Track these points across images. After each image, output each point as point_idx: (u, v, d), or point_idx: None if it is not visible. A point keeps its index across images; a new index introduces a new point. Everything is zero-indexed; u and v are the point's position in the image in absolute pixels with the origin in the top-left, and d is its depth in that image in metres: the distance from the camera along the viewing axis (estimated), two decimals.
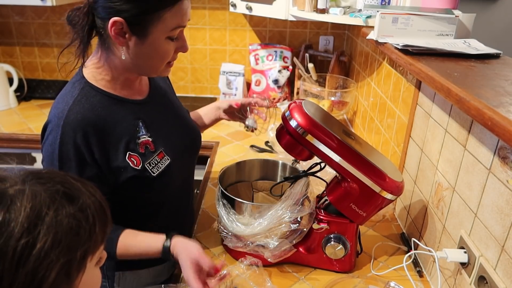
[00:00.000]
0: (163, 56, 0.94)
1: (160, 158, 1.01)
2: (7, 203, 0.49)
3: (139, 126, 0.99)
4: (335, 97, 1.99)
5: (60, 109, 0.91)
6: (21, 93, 2.33)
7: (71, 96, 0.92)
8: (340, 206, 1.02)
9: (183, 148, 1.10)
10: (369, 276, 1.07)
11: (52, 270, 0.50)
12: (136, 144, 0.97)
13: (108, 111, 0.94)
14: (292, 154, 1.03)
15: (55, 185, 0.54)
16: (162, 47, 0.92)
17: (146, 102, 1.04)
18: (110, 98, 0.96)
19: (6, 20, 2.37)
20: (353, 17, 1.51)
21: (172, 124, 1.09)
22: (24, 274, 0.48)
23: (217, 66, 2.42)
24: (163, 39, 0.91)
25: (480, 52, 1.07)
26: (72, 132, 0.89)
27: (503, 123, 0.65)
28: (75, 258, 0.53)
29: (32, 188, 0.52)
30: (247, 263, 1.05)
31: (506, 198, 0.74)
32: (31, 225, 0.49)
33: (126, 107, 0.98)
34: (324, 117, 1.02)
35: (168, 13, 0.87)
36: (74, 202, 0.54)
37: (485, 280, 0.80)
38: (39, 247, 0.49)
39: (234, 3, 2.05)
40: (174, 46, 0.94)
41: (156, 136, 1.02)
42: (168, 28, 0.89)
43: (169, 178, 1.03)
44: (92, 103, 0.93)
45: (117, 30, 0.87)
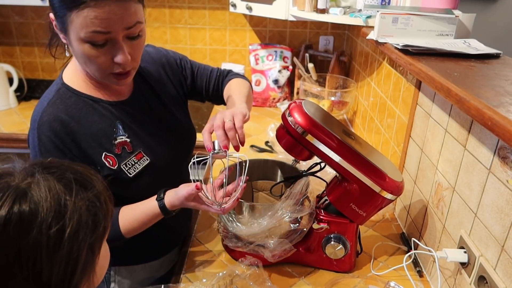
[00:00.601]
0: (92, 62, 0.87)
1: (138, 158, 1.00)
2: (26, 197, 0.52)
3: (116, 127, 0.98)
4: (335, 97, 1.99)
5: (36, 111, 0.93)
6: (21, 93, 2.33)
7: (47, 99, 0.94)
8: (340, 206, 1.02)
9: (167, 148, 1.08)
10: (369, 276, 1.07)
11: (83, 250, 0.55)
12: (112, 144, 0.97)
13: (83, 112, 0.94)
14: (292, 154, 1.03)
15: (65, 173, 0.58)
16: (83, 51, 0.86)
17: (127, 103, 1.02)
18: (86, 99, 0.96)
19: (6, 20, 2.37)
20: (353, 17, 1.51)
21: (155, 125, 1.07)
22: (60, 259, 0.52)
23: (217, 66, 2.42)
24: (82, 42, 0.84)
25: (480, 52, 1.07)
26: (47, 132, 0.90)
27: (503, 123, 0.65)
28: (97, 236, 0.58)
29: (45, 179, 0.55)
30: (247, 263, 1.05)
31: (506, 198, 0.74)
32: (57, 213, 0.53)
33: (103, 107, 0.98)
34: (324, 117, 1.02)
35: (76, 16, 0.81)
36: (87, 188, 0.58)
37: (485, 280, 0.80)
38: (68, 231, 0.53)
39: (234, 3, 2.05)
40: (104, 54, 0.86)
41: (135, 136, 1.01)
42: (80, 31, 0.82)
43: (149, 178, 1.02)
44: (67, 104, 0.93)
45: (55, 26, 0.88)
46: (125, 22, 0.85)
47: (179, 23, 2.37)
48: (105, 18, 0.82)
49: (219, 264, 1.11)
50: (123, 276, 1.13)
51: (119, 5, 0.82)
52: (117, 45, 0.86)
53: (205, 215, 1.32)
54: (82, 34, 0.83)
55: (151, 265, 1.16)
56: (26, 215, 0.51)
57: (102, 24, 0.82)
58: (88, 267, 0.57)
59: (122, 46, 0.87)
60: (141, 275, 1.15)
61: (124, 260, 1.11)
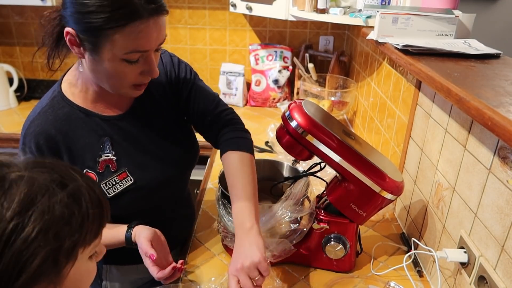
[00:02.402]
0: (120, 77, 0.86)
1: (120, 178, 0.97)
2: (5, 187, 0.52)
3: (103, 144, 0.95)
4: (335, 97, 1.99)
5: (28, 118, 0.93)
6: (21, 93, 2.33)
7: (41, 106, 0.93)
8: (340, 206, 1.02)
9: (158, 168, 1.02)
10: (369, 276, 1.07)
11: (37, 255, 0.51)
12: (96, 162, 0.95)
13: (72, 125, 0.93)
14: (292, 154, 1.03)
15: (54, 174, 0.56)
16: (118, 69, 0.84)
17: (123, 118, 0.98)
18: (78, 112, 0.94)
19: (6, 20, 2.37)
20: (353, 17, 1.51)
21: (151, 142, 1.02)
22: (10, 256, 0.50)
23: (217, 66, 2.42)
24: (117, 61, 0.82)
25: (480, 52, 1.07)
26: (30, 143, 0.91)
27: (503, 123, 0.65)
28: (62, 246, 0.54)
29: (31, 175, 0.54)
30: None
31: (506, 198, 0.74)
32: (23, 209, 0.51)
33: (94, 122, 0.95)
34: (324, 117, 1.02)
35: (118, 35, 0.79)
36: (68, 192, 0.55)
37: (485, 280, 0.80)
38: (27, 231, 0.51)
39: (234, 3, 2.05)
40: (136, 69, 0.86)
41: (122, 155, 0.97)
42: (120, 52, 0.81)
43: (130, 199, 0.99)
44: (57, 115, 0.92)
45: (72, 41, 0.83)
46: (160, 38, 0.85)
47: (179, 23, 2.37)
48: (146, 37, 0.81)
49: (219, 264, 1.11)
50: (114, 275, 1.13)
51: (156, 22, 0.81)
52: (148, 59, 0.85)
53: (205, 216, 1.32)
54: (121, 52, 0.81)
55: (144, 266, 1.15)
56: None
57: (144, 43, 0.81)
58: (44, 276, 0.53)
59: (153, 61, 0.86)
60: (132, 275, 1.14)
61: (114, 259, 1.10)
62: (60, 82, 0.96)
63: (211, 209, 1.35)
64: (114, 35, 0.79)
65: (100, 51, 0.82)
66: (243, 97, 2.33)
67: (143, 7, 0.78)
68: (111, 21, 0.78)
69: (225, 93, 2.33)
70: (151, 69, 0.87)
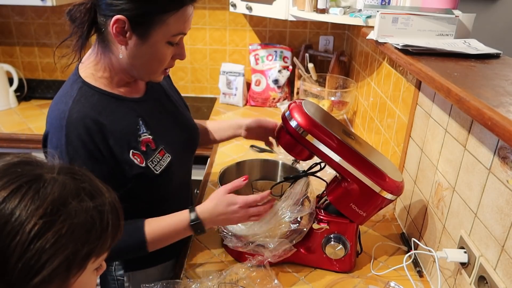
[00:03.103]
0: (161, 60, 0.93)
1: (161, 155, 1.00)
2: (40, 185, 0.55)
3: (139, 124, 0.98)
4: (335, 97, 1.99)
5: (61, 110, 0.90)
6: (21, 93, 2.33)
7: (70, 97, 0.91)
8: (340, 206, 1.02)
9: (181, 145, 1.09)
10: (369, 276, 1.07)
11: (58, 256, 0.54)
12: (137, 142, 0.96)
13: (108, 110, 0.93)
14: (292, 154, 1.03)
15: (84, 183, 0.59)
16: (161, 51, 0.91)
17: (144, 100, 1.03)
18: (109, 97, 0.95)
19: (6, 20, 2.37)
20: (353, 17, 1.51)
21: (170, 122, 1.08)
22: (33, 253, 0.52)
23: (217, 66, 2.42)
24: (163, 43, 0.90)
25: (480, 52, 1.07)
26: (77, 130, 0.88)
27: (503, 123, 0.65)
28: (80, 252, 0.56)
29: (64, 179, 0.57)
30: (254, 263, 1.05)
31: (506, 198, 0.74)
32: (54, 209, 0.54)
33: (125, 105, 0.97)
34: (324, 117, 1.02)
35: (172, 18, 0.87)
36: (95, 203, 0.59)
37: (485, 280, 0.80)
38: (54, 230, 0.53)
39: (234, 3, 2.05)
40: (172, 52, 0.94)
41: (156, 134, 1.01)
42: (170, 33, 0.89)
43: (171, 175, 1.03)
44: (92, 102, 0.92)
45: (118, 29, 0.87)
46: (191, 23, 0.95)
47: None
48: (189, 20, 0.92)
49: (219, 264, 1.11)
50: (137, 280, 1.12)
51: (192, 8, 0.92)
52: (181, 44, 0.96)
53: None
54: (170, 35, 0.90)
55: (164, 266, 1.16)
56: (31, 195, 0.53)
57: (188, 26, 0.92)
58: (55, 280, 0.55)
59: (183, 45, 0.97)
60: (155, 277, 1.14)
61: (138, 264, 1.10)
62: (77, 74, 0.95)
63: None
64: (169, 18, 0.87)
65: (149, 35, 0.89)
66: (243, 97, 2.33)
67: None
68: (171, 5, 0.87)
69: (225, 93, 2.33)
70: (182, 52, 0.97)
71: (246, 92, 2.37)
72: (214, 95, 2.48)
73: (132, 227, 0.93)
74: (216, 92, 2.44)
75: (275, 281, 1.01)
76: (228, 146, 1.82)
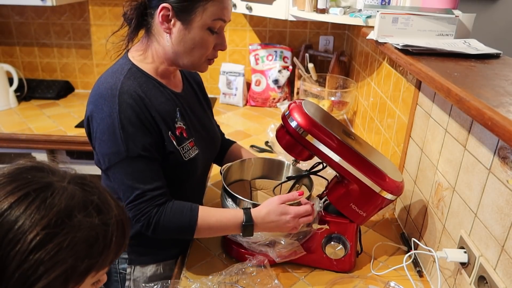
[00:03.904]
0: (203, 46, 0.98)
1: (191, 146, 1.06)
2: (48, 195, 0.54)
3: (176, 112, 1.04)
4: (335, 97, 1.99)
5: (112, 83, 0.96)
6: (21, 93, 2.33)
7: (121, 73, 0.98)
8: (340, 206, 1.02)
9: (206, 144, 1.15)
10: (369, 276, 1.07)
11: (55, 269, 0.53)
12: (174, 127, 1.03)
13: (153, 92, 1.00)
14: (292, 154, 1.03)
15: (93, 196, 0.58)
16: (203, 37, 0.97)
17: (182, 96, 1.10)
18: (154, 82, 1.02)
19: (6, 20, 2.37)
20: (353, 17, 1.51)
21: (200, 121, 1.14)
22: (32, 263, 0.51)
23: (217, 66, 2.42)
24: (204, 29, 0.96)
25: (480, 52, 1.07)
26: (129, 99, 0.94)
27: (503, 123, 0.65)
28: (79, 267, 0.55)
29: (73, 190, 0.57)
30: (255, 263, 1.05)
31: (506, 198, 0.74)
32: (58, 221, 0.53)
33: (167, 93, 1.04)
34: (324, 117, 1.02)
35: (210, 4, 0.94)
36: (101, 218, 0.58)
37: (485, 280, 0.80)
38: (55, 242, 0.52)
39: (234, 3, 2.05)
40: (214, 41, 0.99)
41: (189, 126, 1.08)
42: (210, 18, 0.95)
43: (195, 166, 1.08)
44: (140, 82, 0.99)
45: (164, 16, 0.94)
46: (231, 13, 1.01)
47: None
48: (227, 8, 0.98)
49: (219, 264, 1.11)
50: (139, 275, 1.14)
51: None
52: (221, 33, 1.02)
53: None
54: (210, 20, 0.96)
55: (166, 264, 1.17)
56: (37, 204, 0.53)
57: (227, 13, 0.99)
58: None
59: (224, 35, 1.02)
60: (156, 273, 1.15)
61: (140, 259, 1.12)
62: (127, 58, 1.02)
63: None
64: (207, 3, 0.94)
65: (191, 21, 0.95)
66: (243, 97, 2.33)
67: None
68: None
69: (225, 93, 2.33)
70: (223, 42, 1.02)
71: (246, 92, 2.37)
72: (214, 95, 2.48)
73: (187, 208, 0.98)
74: (216, 92, 2.45)
75: (275, 281, 1.01)
76: None
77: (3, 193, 0.53)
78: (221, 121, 2.12)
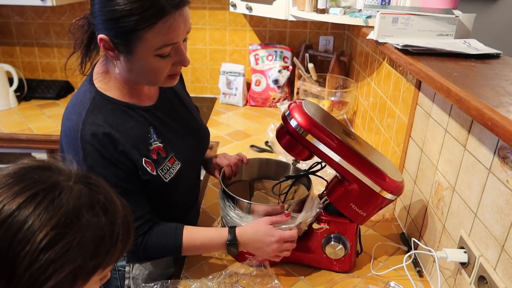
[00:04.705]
0: (156, 72, 0.92)
1: (171, 163, 1.02)
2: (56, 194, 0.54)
3: (150, 132, 0.99)
4: (335, 97, 1.99)
5: (74, 121, 0.91)
6: (21, 93, 2.33)
7: (83, 107, 0.93)
8: (340, 206, 1.02)
9: (192, 151, 1.11)
10: (369, 276, 1.07)
11: (65, 268, 0.53)
12: (149, 150, 0.98)
13: (120, 120, 0.95)
14: (292, 154, 1.03)
15: (99, 195, 0.59)
16: (153, 65, 0.90)
17: (156, 108, 1.04)
18: (121, 106, 0.96)
19: (6, 20, 2.37)
20: (353, 17, 1.51)
21: (181, 128, 1.09)
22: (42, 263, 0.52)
23: (217, 66, 2.42)
24: (151, 57, 0.88)
25: (480, 52, 1.07)
26: (92, 141, 0.89)
27: (503, 123, 0.65)
28: (87, 266, 0.56)
29: (80, 190, 0.57)
30: (255, 263, 1.05)
31: (506, 198, 0.74)
32: (67, 221, 0.53)
33: (137, 113, 0.98)
34: (324, 117, 1.02)
35: (149, 34, 0.84)
36: (108, 217, 0.58)
37: (485, 280, 0.80)
38: (64, 242, 0.53)
39: (234, 3, 2.05)
40: (169, 62, 0.91)
41: (167, 141, 1.02)
42: (152, 48, 0.86)
43: (179, 183, 1.04)
44: (104, 112, 0.93)
45: (106, 46, 0.88)
46: (187, 28, 0.90)
47: None
48: (175, 30, 0.86)
49: (219, 264, 1.11)
50: (138, 273, 1.14)
51: (181, 14, 0.86)
52: (179, 50, 0.91)
53: (205, 215, 1.32)
54: (154, 49, 0.86)
55: (165, 261, 1.17)
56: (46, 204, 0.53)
57: (173, 36, 0.87)
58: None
59: (183, 51, 0.92)
60: (155, 271, 1.16)
61: (139, 257, 1.12)
62: (90, 83, 0.97)
63: (211, 209, 1.35)
64: (145, 34, 0.84)
65: (134, 52, 0.87)
66: (243, 97, 2.33)
67: (168, 3, 0.83)
68: (142, 22, 0.83)
69: (225, 93, 2.33)
70: (183, 59, 0.93)
71: (246, 92, 2.37)
72: (214, 95, 2.48)
73: (171, 234, 0.98)
74: (216, 92, 2.45)
75: (275, 281, 1.01)
76: (228, 146, 1.82)
77: (11, 193, 0.53)
78: (221, 121, 2.13)
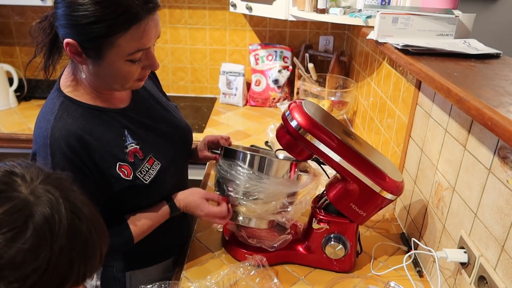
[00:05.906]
0: (125, 77, 0.89)
1: (150, 164, 0.99)
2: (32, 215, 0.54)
3: (125, 135, 0.96)
4: (335, 97, 1.99)
5: (43, 128, 0.89)
6: (21, 93, 2.33)
7: (52, 113, 0.90)
8: (340, 206, 1.02)
9: (174, 149, 1.08)
10: (369, 276, 1.07)
11: None
12: (125, 154, 0.95)
13: (92, 124, 0.91)
14: (292, 154, 1.03)
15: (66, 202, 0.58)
16: (122, 70, 0.87)
17: (130, 109, 1.00)
18: (92, 110, 0.93)
19: (6, 20, 2.37)
20: (353, 17, 1.51)
21: (159, 127, 1.06)
22: None
23: (217, 66, 2.42)
24: (122, 62, 0.86)
25: (480, 52, 1.07)
26: (61, 148, 0.87)
27: (503, 123, 0.65)
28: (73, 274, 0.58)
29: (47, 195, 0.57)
30: (253, 263, 1.05)
31: (506, 198, 0.74)
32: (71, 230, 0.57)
33: (110, 117, 0.95)
34: (324, 117, 1.02)
35: (122, 39, 0.82)
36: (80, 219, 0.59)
37: (485, 280, 0.80)
38: None
39: (234, 3, 2.05)
40: (139, 66, 0.89)
41: (143, 142, 0.99)
42: (124, 53, 0.84)
43: (162, 182, 1.02)
44: (74, 117, 0.90)
45: (72, 50, 0.84)
46: (158, 33, 0.89)
47: (179, 23, 2.37)
48: (147, 36, 0.85)
49: (219, 264, 1.11)
50: (138, 279, 1.13)
51: (153, 19, 0.85)
52: (150, 55, 0.90)
53: None
54: (126, 54, 0.84)
55: (164, 265, 1.16)
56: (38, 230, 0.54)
57: (145, 42, 0.85)
58: None
59: (153, 55, 0.91)
60: (155, 276, 1.15)
61: (138, 263, 1.11)
62: (58, 89, 0.94)
63: None
64: (118, 40, 0.82)
65: (104, 57, 0.84)
66: (243, 97, 2.33)
67: (141, 8, 0.81)
68: (115, 27, 0.80)
69: (225, 93, 2.33)
70: (152, 63, 0.91)
71: (246, 92, 2.37)
72: (214, 95, 2.48)
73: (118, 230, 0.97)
74: (216, 92, 2.45)
75: (275, 280, 1.01)
76: None
77: None
78: (221, 121, 2.13)
